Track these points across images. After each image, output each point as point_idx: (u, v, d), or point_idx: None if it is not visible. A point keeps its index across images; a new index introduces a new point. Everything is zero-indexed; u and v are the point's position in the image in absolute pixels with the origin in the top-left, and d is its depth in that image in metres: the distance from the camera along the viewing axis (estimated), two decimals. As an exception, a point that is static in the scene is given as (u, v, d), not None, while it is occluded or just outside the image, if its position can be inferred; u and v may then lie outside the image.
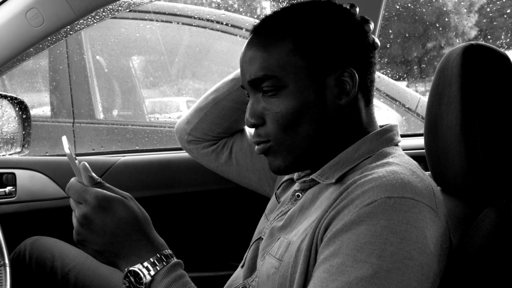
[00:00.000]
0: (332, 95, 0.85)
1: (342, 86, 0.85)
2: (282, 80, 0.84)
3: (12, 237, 1.20)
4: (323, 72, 0.84)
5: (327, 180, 0.85)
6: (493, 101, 0.85)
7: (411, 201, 0.71)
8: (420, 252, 0.69)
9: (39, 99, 2.68)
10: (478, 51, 0.87)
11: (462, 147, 0.86)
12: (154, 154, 1.72)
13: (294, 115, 0.84)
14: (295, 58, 0.84)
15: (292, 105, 0.84)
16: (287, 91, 0.84)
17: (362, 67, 0.87)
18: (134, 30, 2.67)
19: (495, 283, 0.80)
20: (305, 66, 0.84)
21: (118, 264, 0.80)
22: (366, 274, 0.67)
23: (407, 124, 2.47)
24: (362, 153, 0.85)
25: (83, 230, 0.79)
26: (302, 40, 0.84)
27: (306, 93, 0.84)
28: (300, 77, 0.84)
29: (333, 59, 0.84)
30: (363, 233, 0.70)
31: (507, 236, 0.80)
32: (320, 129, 0.85)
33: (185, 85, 3.12)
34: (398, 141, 0.89)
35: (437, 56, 3.38)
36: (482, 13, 3.44)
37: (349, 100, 0.85)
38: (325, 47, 0.84)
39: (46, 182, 1.54)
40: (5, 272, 1.01)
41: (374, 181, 0.74)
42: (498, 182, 0.85)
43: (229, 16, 2.51)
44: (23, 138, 1.59)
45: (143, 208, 0.84)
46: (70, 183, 0.82)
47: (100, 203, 0.78)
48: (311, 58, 0.84)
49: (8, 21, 1.10)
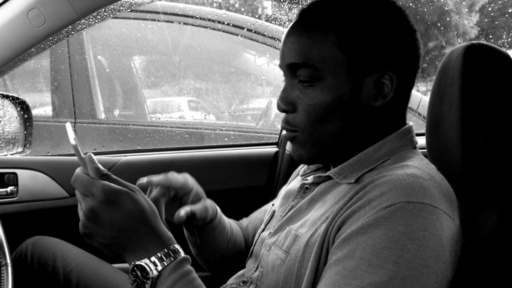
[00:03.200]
0: (368, 95, 0.82)
1: (380, 88, 0.82)
2: (320, 72, 0.81)
3: (14, 237, 1.20)
4: (363, 70, 0.82)
5: (345, 179, 0.83)
6: (495, 100, 0.85)
7: (430, 207, 0.71)
8: (436, 260, 0.68)
9: (41, 99, 2.69)
10: (480, 50, 0.87)
11: (464, 146, 0.86)
12: (156, 154, 1.72)
13: (326, 110, 0.82)
14: (337, 52, 0.81)
15: (326, 100, 0.82)
16: (324, 84, 0.82)
17: (404, 72, 0.84)
18: (135, 30, 2.67)
19: (498, 284, 0.79)
20: (345, 62, 0.81)
21: (125, 258, 0.79)
22: (380, 280, 0.67)
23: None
24: (382, 154, 0.83)
25: (89, 223, 0.77)
26: (347, 34, 0.81)
27: (342, 89, 0.81)
28: (339, 72, 0.81)
29: (375, 59, 0.81)
30: (380, 237, 0.69)
31: (510, 236, 0.80)
32: (349, 128, 0.83)
33: (186, 85, 3.13)
34: (416, 143, 0.88)
35: (439, 56, 3.38)
36: (484, 12, 3.44)
37: (384, 103, 0.83)
38: (369, 46, 0.81)
39: (48, 182, 1.54)
40: (7, 272, 1.01)
41: (393, 183, 0.73)
42: (500, 182, 0.85)
43: (231, 16, 2.51)
44: (24, 138, 1.59)
45: (150, 201, 0.81)
46: (75, 175, 0.80)
47: (107, 197, 0.76)
48: (353, 54, 0.81)
49: (10, 21, 1.10)
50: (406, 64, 0.84)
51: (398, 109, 0.87)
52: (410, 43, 0.85)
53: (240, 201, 1.58)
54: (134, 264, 0.77)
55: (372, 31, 0.82)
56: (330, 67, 0.81)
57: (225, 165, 1.68)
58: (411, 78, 0.86)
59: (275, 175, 1.68)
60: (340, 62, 0.81)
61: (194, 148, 1.78)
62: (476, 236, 0.83)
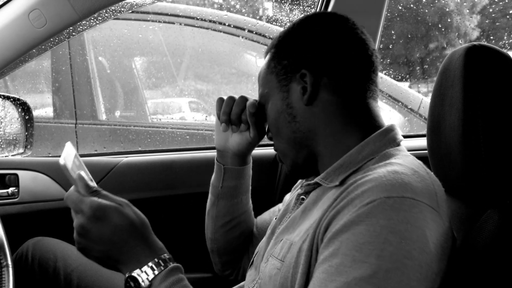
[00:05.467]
0: (297, 97, 0.90)
1: (305, 87, 0.89)
2: (265, 97, 0.96)
3: (15, 238, 1.20)
4: (287, 78, 0.91)
5: (331, 183, 0.85)
6: (496, 101, 0.85)
7: (411, 200, 0.71)
8: (420, 252, 0.69)
9: (42, 100, 2.69)
10: (481, 52, 0.87)
11: (465, 147, 0.86)
12: (157, 155, 1.72)
13: (275, 125, 0.94)
14: (268, 72, 0.95)
15: (271, 117, 0.94)
16: (268, 106, 0.95)
17: (325, 68, 0.88)
18: (136, 31, 2.67)
19: (498, 284, 0.79)
20: (273, 78, 0.93)
21: (120, 269, 0.82)
22: (364, 274, 0.67)
23: (410, 125, 2.47)
24: (366, 154, 0.85)
25: (81, 239, 0.81)
26: (274, 54, 0.94)
27: (277, 101, 0.93)
28: (272, 89, 0.94)
29: (292, 63, 0.90)
30: (362, 233, 0.70)
31: (510, 237, 0.80)
32: (302, 131, 0.90)
33: (187, 86, 3.13)
34: (401, 140, 0.89)
35: (440, 57, 3.38)
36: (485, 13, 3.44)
37: (311, 99, 0.88)
38: (287, 53, 0.91)
39: (49, 183, 1.55)
40: (8, 273, 1.01)
41: (374, 181, 0.74)
42: (501, 183, 0.85)
43: (231, 17, 2.51)
44: (25, 139, 1.59)
45: (141, 213, 0.84)
46: (68, 193, 0.84)
47: (95, 213, 0.80)
48: (276, 68, 0.93)
49: (11, 22, 1.10)
50: (323, 57, 0.88)
51: (354, 97, 0.89)
52: (326, 39, 0.89)
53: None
54: (127, 275, 0.79)
55: (288, 43, 0.92)
56: (267, 90, 0.95)
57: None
58: (350, 74, 0.89)
59: (276, 176, 1.68)
60: (271, 82, 0.94)
61: (195, 149, 1.78)
62: (476, 236, 0.82)
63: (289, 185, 1.18)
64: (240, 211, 1.17)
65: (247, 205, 1.19)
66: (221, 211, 1.17)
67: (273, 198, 1.65)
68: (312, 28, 0.91)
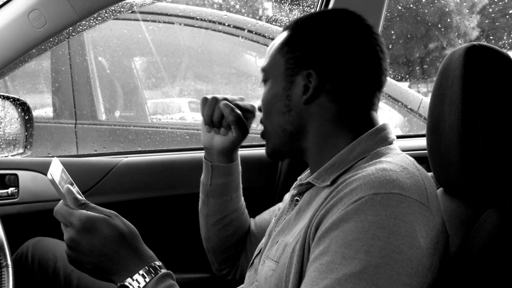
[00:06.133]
0: (297, 93, 0.90)
1: (307, 86, 0.89)
2: (268, 74, 0.96)
3: (15, 238, 1.20)
4: (295, 70, 0.90)
5: (323, 183, 0.86)
6: (495, 102, 0.85)
7: (398, 196, 0.72)
8: (409, 246, 0.69)
9: (42, 100, 2.69)
10: (480, 51, 0.87)
11: (464, 148, 0.86)
12: (157, 155, 1.72)
13: (267, 105, 0.95)
14: (278, 56, 0.93)
15: (266, 97, 0.95)
16: (268, 85, 0.95)
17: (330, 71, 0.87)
18: (136, 31, 2.67)
19: (497, 284, 0.79)
20: (282, 64, 0.92)
21: (112, 280, 0.82)
22: (354, 270, 0.68)
23: (409, 125, 2.47)
24: (357, 154, 0.85)
25: (72, 252, 0.82)
26: (288, 41, 0.93)
27: (276, 87, 0.93)
28: (276, 73, 0.93)
29: (304, 59, 0.89)
30: (351, 229, 0.70)
31: (510, 237, 0.80)
32: (289, 122, 0.91)
33: (187, 86, 3.13)
34: (393, 139, 0.89)
35: (439, 57, 3.38)
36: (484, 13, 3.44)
37: (312, 101, 0.88)
38: (300, 47, 0.90)
39: (49, 183, 1.53)
40: (8, 273, 1.01)
41: (362, 179, 0.74)
42: (500, 183, 0.85)
43: (231, 17, 2.51)
44: (25, 139, 1.59)
45: (129, 223, 0.85)
46: (56, 207, 0.85)
47: (84, 225, 0.81)
48: (288, 56, 0.91)
49: (11, 22, 1.10)
50: (334, 64, 0.87)
51: (354, 109, 0.89)
52: (344, 47, 0.88)
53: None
54: (119, 285, 0.80)
55: (306, 34, 0.91)
56: (272, 70, 0.94)
57: (226, 166, 1.68)
58: (354, 90, 0.88)
59: (275, 176, 1.68)
60: (278, 64, 0.93)
61: (195, 149, 1.78)
62: (476, 236, 0.83)
63: (289, 184, 1.18)
64: (231, 209, 1.17)
65: (238, 203, 1.19)
66: (211, 209, 1.17)
67: (273, 198, 1.65)
68: (335, 28, 0.89)
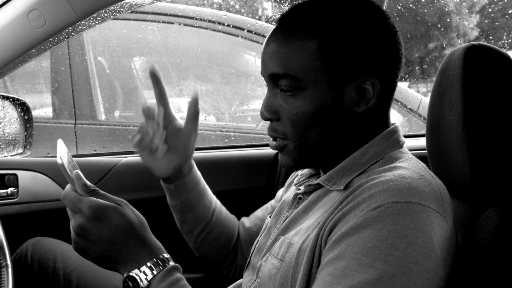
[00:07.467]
0: (350, 102, 0.82)
1: (362, 93, 0.82)
2: (301, 82, 0.81)
3: (14, 238, 1.20)
4: (345, 78, 0.81)
5: (334, 186, 0.84)
6: (495, 101, 0.85)
7: (418, 206, 0.71)
8: (426, 257, 0.69)
9: (41, 100, 2.69)
10: (480, 51, 0.87)
11: (464, 147, 0.86)
12: (156, 155, 1.71)
13: (309, 120, 0.82)
14: (317, 62, 0.80)
15: (308, 109, 0.81)
16: (305, 94, 0.82)
17: (385, 75, 0.84)
18: (135, 31, 2.67)
19: (498, 284, 0.79)
20: (326, 71, 0.81)
21: (118, 269, 0.82)
22: (370, 279, 0.67)
23: (409, 125, 2.47)
24: (369, 157, 0.84)
25: (80, 240, 0.81)
26: (326, 42, 0.80)
27: (324, 98, 0.81)
28: (320, 82, 0.81)
29: (356, 66, 0.81)
30: (369, 237, 0.69)
31: (510, 237, 0.80)
32: (333, 134, 0.84)
33: (186, 86, 3.12)
34: (403, 142, 0.88)
35: (439, 57, 3.38)
36: (484, 13, 3.44)
37: (366, 109, 0.83)
38: (350, 53, 0.81)
39: (48, 183, 1.54)
40: (7, 273, 1.01)
41: (381, 185, 0.73)
42: (501, 183, 0.85)
43: (231, 17, 2.51)
44: (25, 139, 1.59)
45: (139, 213, 0.84)
46: (64, 192, 0.83)
47: (94, 213, 0.79)
48: (334, 63, 0.81)
49: (10, 22, 1.10)
50: (387, 67, 0.84)
51: (381, 112, 0.87)
52: (391, 46, 0.84)
53: (241, 202, 1.58)
54: (126, 275, 0.79)
55: (352, 38, 0.81)
56: (311, 77, 0.81)
57: (225, 166, 1.68)
58: (393, 80, 0.86)
59: (275, 176, 1.68)
60: (320, 71, 0.81)
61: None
62: (476, 236, 0.83)
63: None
64: (208, 214, 1.14)
65: (211, 204, 1.15)
66: (191, 223, 1.13)
67: (273, 198, 1.65)
68: (375, 28, 0.83)
